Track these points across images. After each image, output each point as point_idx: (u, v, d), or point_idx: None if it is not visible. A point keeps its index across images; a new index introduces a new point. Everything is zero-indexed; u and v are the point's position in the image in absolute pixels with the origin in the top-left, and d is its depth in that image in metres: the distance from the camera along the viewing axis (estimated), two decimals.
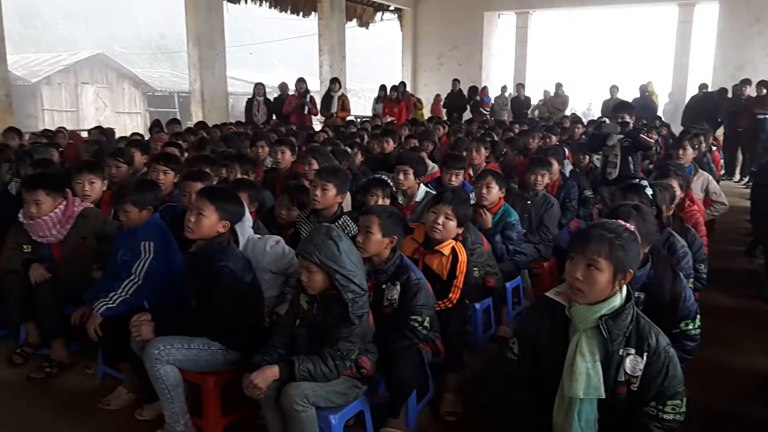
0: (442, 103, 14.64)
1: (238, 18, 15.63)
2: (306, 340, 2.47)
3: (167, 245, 3.13)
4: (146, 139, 7.21)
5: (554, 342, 2.05)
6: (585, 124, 10.27)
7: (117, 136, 7.81)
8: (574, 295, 1.98)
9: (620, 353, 1.97)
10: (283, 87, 11.74)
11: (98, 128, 7.96)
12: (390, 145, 6.95)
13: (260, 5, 14.89)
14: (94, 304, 2.99)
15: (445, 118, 13.52)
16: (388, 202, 3.87)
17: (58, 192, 3.44)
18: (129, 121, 23.15)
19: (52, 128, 9.53)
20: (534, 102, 15.25)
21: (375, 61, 44.58)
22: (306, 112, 11.18)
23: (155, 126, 8.50)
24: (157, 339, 2.61)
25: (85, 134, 8.72)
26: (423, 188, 4.33)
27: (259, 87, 11.38)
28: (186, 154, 5.81)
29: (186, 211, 3.44)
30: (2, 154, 4.80)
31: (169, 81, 26.27)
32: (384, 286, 2.76)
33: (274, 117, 11.30)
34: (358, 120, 13.12)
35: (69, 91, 21.87)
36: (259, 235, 3.20)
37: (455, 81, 14.36)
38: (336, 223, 3.41)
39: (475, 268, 3.35)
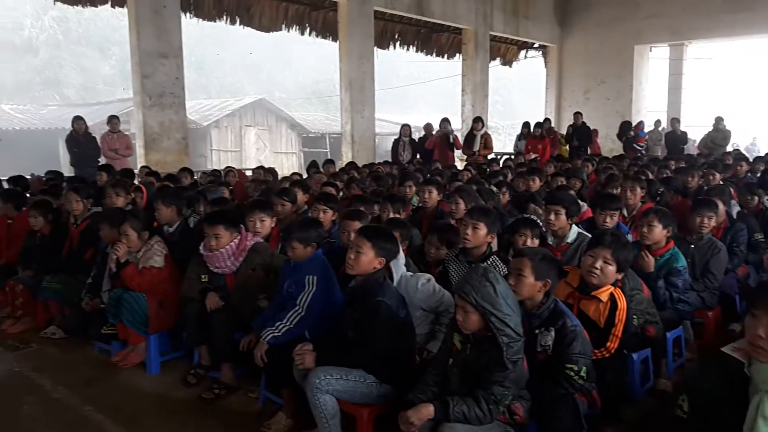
0: (561, 138, 13.86)
1: (385, 62, 16.42)
2: (459, 379, 2.50)
3: (328, 279, 3.34)
4: (304, 178, 7.73)
5: (731, 402, 1.90)
6: (750, 161, 9.37)
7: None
8: (755, 354, 1.83)
9: None
10: (428, 128, 12.07)
11: (262, 168, 8.67)
12: (536, 184, 6.85)
13: (407, 50, 15.53)
14: (261, 331, 3.26)
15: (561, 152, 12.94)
16: (537, 242, 3.83)
17: (234, 227, 3.82)
18: (285, 160, 24.99)
19: (219, 166, 10.58)
20: (691, 137, 14.23)
21: (515, 98, 44.29)
22: (450, 141, 11.37)
23: (312, 167, 9.13)
24: (319, 368, 2.77)
25: (248, 173, 9.56)
26: (575, 229, 4.19)
27: (406, 128, 11.82)
28: (341, 193, 6.16)
29: (343, 247, 3.68)
30: (184, 192, 5.42)
31: (322, 123, 28.07)
32: (537, 331, 2.72)
33: (418, 156, 11.64)
34: (499, 157, 13.05)
35: (234, 133, 24.17)
36: (411, 273, 3.30)
37: (577, 114, 13.62)
38: (485, 263, 3.43)
39: (633, 316, 3.18)
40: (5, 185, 7.18)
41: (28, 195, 6.45)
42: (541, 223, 4.17)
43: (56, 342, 4.64)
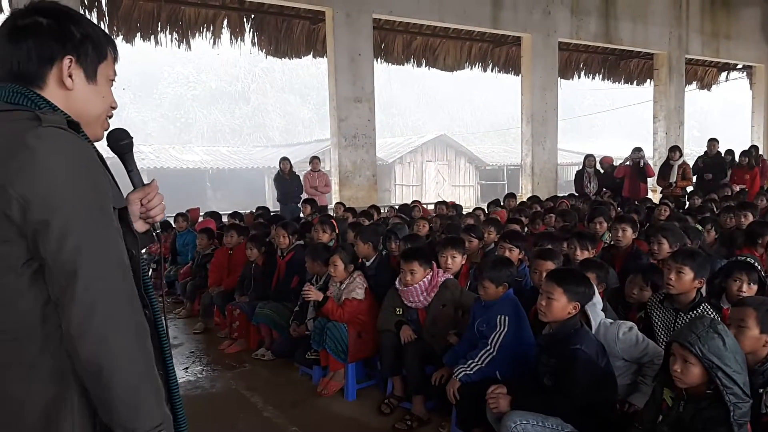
0: (691, 167, 11.71)
1: (567, 91, 16.00)
2: None
3: (520, 320, 3.32)
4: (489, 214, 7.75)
5: None
6: None
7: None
8: None
9: None
10: (607, 161, 11.46)
11: (444, 203, 8.88)
12: (749, 220, 6.16)
13: (592, 79, 14.99)
14: (452, 367, 3.33)
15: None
16: (754, 288, 3.45)
17: (427, 263, 3.97)
18: (462, 193, 25.39)
19: (401, 200, 11.01)
20: None
21: (713, 121, 40.45)
22: (641, 165, 10.66)
23: (492, 204, 9.16)
24: (514, 412, 2.74)
25: (430, 207, 9.84)
26: None
27: (590, 158, 11.34)
28: (526, 229, 6.08)
29: (532, 287, 3.63)
30: (378, 228, 5.76)
31: (499, 155, 28.18)
32: (761, 390, 2.44)
33: (604, 189, 11.08)
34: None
35: (416, 169, 25.27)
36: (611, 320, 3.14)
37: (713, 141, 11.69)
38: (693, 312, 3.17)
39: None
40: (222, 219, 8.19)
41: None
42: (759, 267, 3.76)
43: (265, 363, 5.10)
